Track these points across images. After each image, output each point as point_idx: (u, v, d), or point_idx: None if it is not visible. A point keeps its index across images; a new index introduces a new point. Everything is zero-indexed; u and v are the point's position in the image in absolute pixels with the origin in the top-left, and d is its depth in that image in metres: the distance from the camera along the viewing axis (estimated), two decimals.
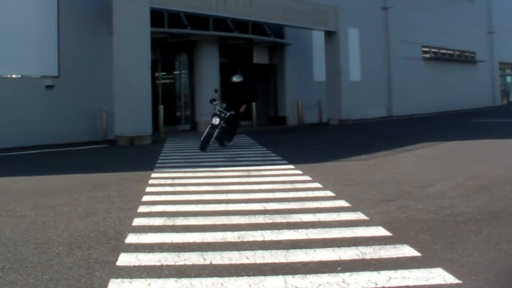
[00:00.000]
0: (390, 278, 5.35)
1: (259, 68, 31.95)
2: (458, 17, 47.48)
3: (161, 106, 24.57)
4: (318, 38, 32.89)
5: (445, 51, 47.06)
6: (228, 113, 17.53)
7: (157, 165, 14.31)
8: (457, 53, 48.80)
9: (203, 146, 16.95)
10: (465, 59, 50.31)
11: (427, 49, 44.79)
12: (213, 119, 17.23)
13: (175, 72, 28.52)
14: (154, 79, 25.34)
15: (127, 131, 20.71)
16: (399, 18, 39.95)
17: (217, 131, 17.20)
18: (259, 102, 29.63)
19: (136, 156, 17.53)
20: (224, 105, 17.97)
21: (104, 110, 21.89)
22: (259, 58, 31.89)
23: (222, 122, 17.31)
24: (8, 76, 20.67)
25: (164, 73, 27.95)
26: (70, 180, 12.05)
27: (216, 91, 19.88)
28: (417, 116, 37.26)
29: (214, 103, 17.81)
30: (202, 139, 17.08)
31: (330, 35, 31.80)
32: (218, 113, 17.38)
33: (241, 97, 18.50)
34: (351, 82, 32.68)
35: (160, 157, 16.01)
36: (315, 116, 32.13)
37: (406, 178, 11.65)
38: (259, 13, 27.07)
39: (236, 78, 18.95)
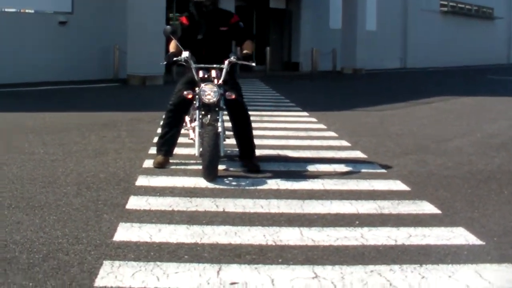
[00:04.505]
0: (410, 236, 5.11)
1: (275, 13, 31.49)
2: None
3: None
4: None
5: (463, 5, 46.23)
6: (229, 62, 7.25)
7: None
8: (475, 8, 47.93)
9: (211, 171, 6.88)
10: (483, 14, 49.44)
11: (445, 2, 44.01)
12: (205, 91, 7.03)
13: None
14: (168, 19, 24.97)
15: (139, 70, 20.43)
16: None
17: (220, 117, 7.13)
18: (273, 47, 29.31)
19: (147, 96, 17.32)
20: (187, 53, 7.20)
21: (116, 48, 21.55)
22: (276, 2, 31.36)
23: (222, 91, 7.11)
24: (22, 10, 20.31)
25: (179, 14, 27.50)
26: (80, 118, 11.87)
27: (173, 31, 7.45)
28: (431, 69, 36.78)
29: (182, 57, 7.23)
30: (203, 155, 6.93)
31: None
32: (207, 75, 7.32)
33: (223, 27, 7.54)
34: (366, 31, 32.24)
35: None
36: (329, 64, 31.75)
37: (423, 131, 11.42)
38: None
39: None
